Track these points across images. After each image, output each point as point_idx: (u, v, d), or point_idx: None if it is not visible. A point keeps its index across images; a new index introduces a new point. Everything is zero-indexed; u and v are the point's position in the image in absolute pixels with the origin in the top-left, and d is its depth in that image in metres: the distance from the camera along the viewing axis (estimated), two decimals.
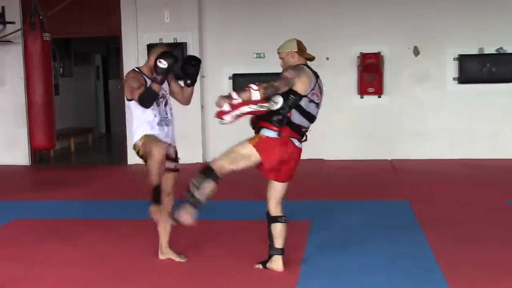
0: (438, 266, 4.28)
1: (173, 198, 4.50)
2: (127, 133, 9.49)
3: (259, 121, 4.11)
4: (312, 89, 4.10)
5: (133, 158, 9.45)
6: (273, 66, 9.16)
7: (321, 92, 4.19)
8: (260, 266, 4.29)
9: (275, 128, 4.02)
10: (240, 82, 9.17)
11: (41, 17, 7.26)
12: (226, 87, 9.23)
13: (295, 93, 4.03)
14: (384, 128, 9.18)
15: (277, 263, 4.21)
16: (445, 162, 8.80)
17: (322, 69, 5.34)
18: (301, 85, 4.04)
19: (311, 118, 4.15)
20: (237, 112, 3.99)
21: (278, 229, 4.20)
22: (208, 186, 4.02)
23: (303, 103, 4.07)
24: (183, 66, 4.41)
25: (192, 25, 9.19)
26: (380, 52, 9.00)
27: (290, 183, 4.26)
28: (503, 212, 5.89)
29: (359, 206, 6.20)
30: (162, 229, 4.55)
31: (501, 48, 8.89)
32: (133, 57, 9.23)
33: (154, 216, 4.28)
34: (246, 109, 4.00)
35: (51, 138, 7.58)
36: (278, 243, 4.21)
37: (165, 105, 4.43)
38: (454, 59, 9.00)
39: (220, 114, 4.03)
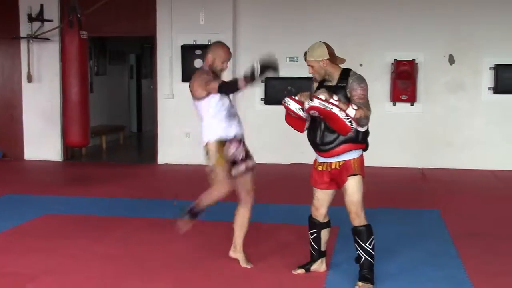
0: (468, 278, 4.23)
1: (253, 196, 4.45)
2: (158, 133, 9.60)
3: (343, 145, 3.96)
4: None
5: (163, 158, 9.56)
6: (306, 70, 9.19)
7: None
8: (302, 270, 4.33)
9: (363, 146, 4.05)
10: (273, 85, 9.20)
11: (79, 16, 7.38)
12: (259, 90, 9.25)
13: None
14: (416, 136, 9.10)
15: (322, 265, 4.35)
16: (478, 172, 8.67)
17: None
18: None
19: None
20: (327, 105, 3.77)
21: (327, 234, 4.31)
22: (371, 239, 4.08)
23: None
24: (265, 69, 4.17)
25: (226, 27, 9.23)
26: (414, 59, 8.93)
27: (310, 189, 4.27)
28: None
29: (389, 214, 6.15)
30: (238, 228, 4.48)
31: None
32: (167, 57, 9.31)
33: (182, 229, 4.38)
34: (335, 110, 3.79)
35: (85, 135, 7.67)
36: (325, 246, 4.33)
37: (230, 100, 4.41)
38: (490, 68, 8.88)
39: (312, 97, 3.85)
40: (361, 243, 4.04)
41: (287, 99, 4.02)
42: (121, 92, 13.18)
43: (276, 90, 9.13)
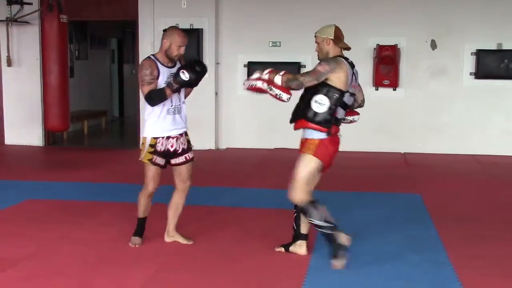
0: (450, 261, 4.27)
1: (189, 186, 4.56)
2: (140, 118, 9.52)
3: (300, 119, 4.11)
4: (351, 82, 4.13)
5: None
6: (289, 54, 9.23)
7: (356, 81, 4.24)
8: (282, 249, 4.39)
9: (324, 130, 4.06)
10: (255, 70, 9.10)
11: None
12: (241, 75, 9.22)
13: (336, 90, 4.02)
14: (398, 121, 9.14)
15: (301, 248, 4.34)
16: (459, 157, 8.75)
17: None
18: (337, 80, 4.03)
19: (348, 107, 4.25)
20: (255, 83, 4.11)
21: None
22: (318, 213, 4.08)
23: (346, 98, 4.12)
24: (185, 68, 4.20)
25: (209, 12, 9.17)
26: (397, 44, 8.94)
27: None
28: None
29: (371, 198, 6.19)
30: (171, 213, 4.61)
31: None
32: (149, 42, 9.23)
33: (132, 245, 4.51)
34: (259, 84, 4.09)
35: (65, 120, 7.64)
36: (305, 229, 4.33)
37: (180, 92, 4.39)
38: (471, 53, 8.92)
39: (248, 80, 4.24)
40: (309, 218, 4.14)
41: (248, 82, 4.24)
42: (102, 76, 13.07)
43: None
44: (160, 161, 4.43)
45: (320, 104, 4.03)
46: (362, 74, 9.04)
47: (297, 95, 4.19)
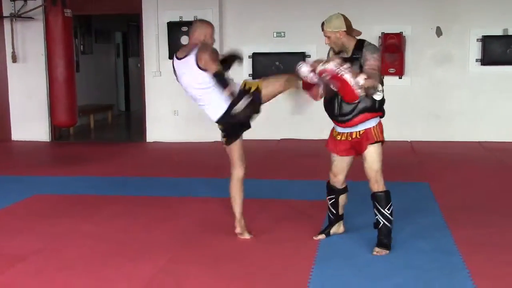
0: (457, 249, 4.25)
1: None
2: (146, 111, 9.53)
3: (361, 114, 4.10)
4: None
5: (152, 136, 9.51)
6: (293, 45, 9.20)
7: None
8: (323, 236, 4.48)
9: (380, 114, 4.21)
10: (260, 61, 9.14)
11: None
12: (247, 65, 9.19)
13: (380, 74, 4.09)
14: (404, 109, 9.10)
15: (340, 227, 4.56)
16: (466, 144, 8.71)
17: None
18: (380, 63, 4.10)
19: None
20: (338, 69, 3.82)
21: (345, 199, 4.52)
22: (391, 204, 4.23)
23: None
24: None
25: (213, 3, 9.13)
26: (402, 32, 8.89)
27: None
28: None
29: None
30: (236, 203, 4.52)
31: None
32: (153, 35, 9.22)
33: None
34: (347, 76, 3.82)
35: (73, 115, 7.63)
36: (342, 210, 4.52)
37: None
38: (477, 40, 8.87)
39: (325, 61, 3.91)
40: (380, 208, 4.18)
41: (300, 63, 4.07)
42: (108, 70, 13.07)
43: (264, 65, 9.07)
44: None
45: (379, 91, 4.10)
46: None
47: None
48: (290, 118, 8.77)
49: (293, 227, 4.75)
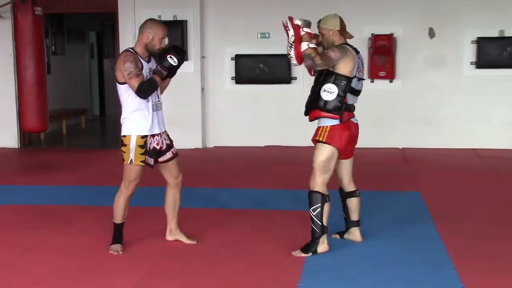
0: (451, 261, 4.29)
1: (182, 180, 4.67)
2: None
3: (312, 110, 4.43)
4: (358, 68, 4.40)
5: None
6: (279, 46, 9.19)
7: (363, 66, 4.52)
8: (338, 236, 4.75)
9: (336, 117, 4.37)
10: (244, 63, 9.15)
11: None
12: (228, 68, 9.21)
13: (343, 77, 4.31)
14: (395, 115, 9.16)
15: (354, 235, 4.70)
16: (460, 152, 8.78)
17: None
18: (344, 67, 4.35)
19: (358, 93, 4.53)
20: (291, 29, 4.36)
21: (354, 203, 4.69)
22: (320, 208, 4.39)
23: (354, 83, 4.39)
24: (163, 56, 4.31)
25: (193, 2, 9.14)
26: (392, 33, 8.95)
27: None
28: None
29: (368, 197, 6.15)
30: (170, 211, 4.69)
31: None
32: (130, 35, 9.17)
33: (115, 252, 4.50)
34: (290, 33, 4.35)
35: (43, 119, 7.58)
36: (355, 216, 4.68)
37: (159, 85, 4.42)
38: (472, 42, 8.95)
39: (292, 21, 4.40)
40: (309, 207, 4.43)
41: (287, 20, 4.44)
42: (81, 72, 13.01)
43: (248, 68, 9.09)
44: (151, 160, 4.46)
45: (329, 92, 4.34)
46: None
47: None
48: (274, 124, 8.79)
49: (277, 238, 4.75)
